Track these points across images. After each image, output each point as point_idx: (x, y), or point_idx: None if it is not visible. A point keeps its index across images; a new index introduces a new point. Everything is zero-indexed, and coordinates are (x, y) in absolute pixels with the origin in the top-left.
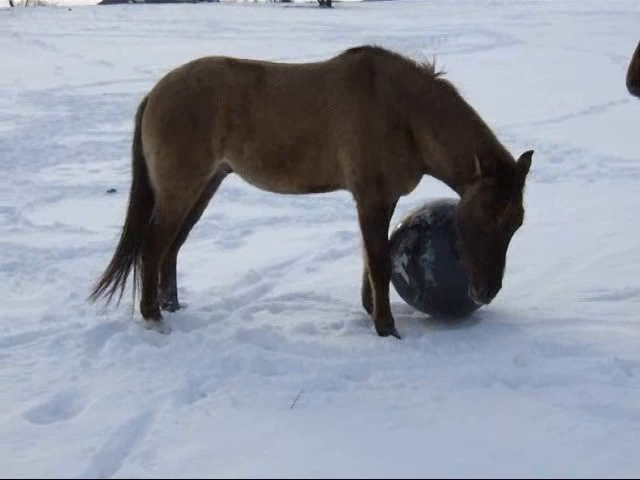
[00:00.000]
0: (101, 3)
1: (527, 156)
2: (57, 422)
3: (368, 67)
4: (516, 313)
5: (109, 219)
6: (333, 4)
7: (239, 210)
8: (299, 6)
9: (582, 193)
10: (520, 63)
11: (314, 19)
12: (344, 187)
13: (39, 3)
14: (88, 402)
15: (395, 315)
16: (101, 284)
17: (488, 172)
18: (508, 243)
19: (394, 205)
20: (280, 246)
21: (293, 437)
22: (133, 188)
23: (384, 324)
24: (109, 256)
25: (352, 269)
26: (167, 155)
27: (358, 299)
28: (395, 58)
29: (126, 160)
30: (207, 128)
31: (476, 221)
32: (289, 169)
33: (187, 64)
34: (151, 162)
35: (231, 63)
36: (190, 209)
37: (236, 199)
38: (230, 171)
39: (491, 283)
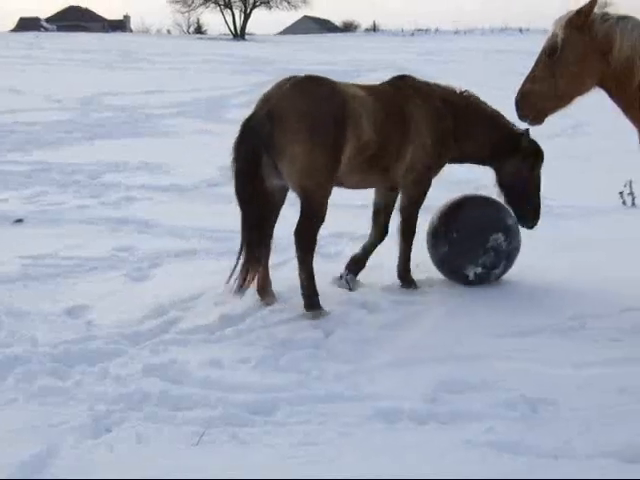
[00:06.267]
0: (12, 30)
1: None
2: None
3: (421, 89)
4: (424, 348)
5: (16, 249)
6: (247, 37)
7: (148, 242)
8: (212, 38)
9: None
10: None
11: (227, 51)
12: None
13: None
14: None
15: (304, 350)
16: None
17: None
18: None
19: None
20: (188, 279)
21: (197, 475)
22: (245, 192)
23: (408, 277)
24: (14, 288)
25: (260, 303)
26: (319, 155)
27: (267, 332)
28: (428, 82)
29: (34, 189)
30: (344, 130)
31: (526, 175)
32: (388, 169)
33: (295, 81)
34: (298, 164)
35: (317, 78)
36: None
37: (145, 231)
38: None
39: (538, 213)
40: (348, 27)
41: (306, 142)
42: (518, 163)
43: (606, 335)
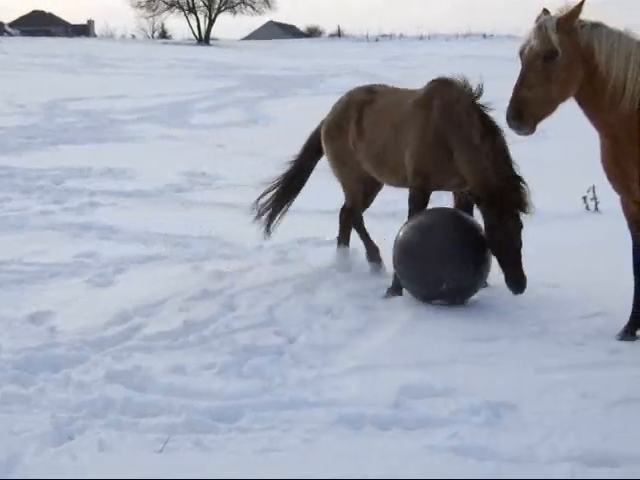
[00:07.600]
0: None
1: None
2: None
3: (433, 92)
4: (388, 354)
5: None
6: (211, 42)
7: (112, 248)
8: (177, 43)
9: None
10: None
11: (192, 56)
12: None
13: None
14: None
15: (268, 356)
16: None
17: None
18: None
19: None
20: (152, 285)
21: None
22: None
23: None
24: None
25: (224, 309)
26: (334, 156)
27: (230, 338)
28: (457, 88)
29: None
30: (347, 132)
31: (498, 238)
32: (381, 166)
33: None
34: (329, 161)
35: (364, 88)
36: (360, 192)
37: (109, 237)
38: None
39: (521, 278)
40: (313, 32)
41: (326, 145)
42: (487, 211)
43: (570, 339)
